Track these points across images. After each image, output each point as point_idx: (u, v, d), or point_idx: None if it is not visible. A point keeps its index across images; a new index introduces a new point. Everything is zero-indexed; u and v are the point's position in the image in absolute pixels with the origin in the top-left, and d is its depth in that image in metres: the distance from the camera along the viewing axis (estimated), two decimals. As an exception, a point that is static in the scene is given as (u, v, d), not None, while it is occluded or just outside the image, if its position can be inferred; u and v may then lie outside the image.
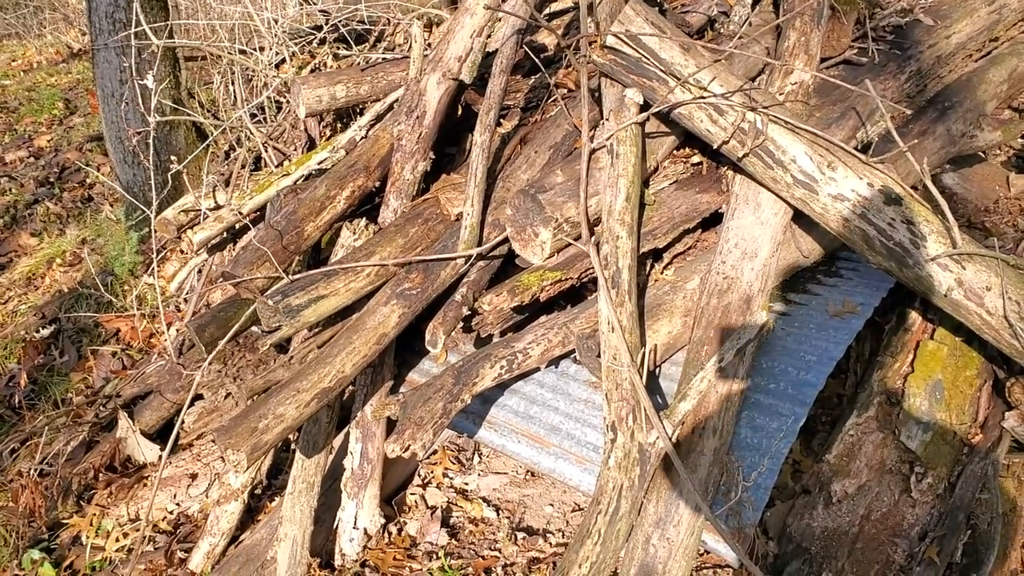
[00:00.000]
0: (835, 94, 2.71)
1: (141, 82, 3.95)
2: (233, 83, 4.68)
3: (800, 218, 2.54)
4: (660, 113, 2.53)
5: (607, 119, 2.59)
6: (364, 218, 2.96)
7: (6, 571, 3.11)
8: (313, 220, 2.83)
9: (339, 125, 3.97)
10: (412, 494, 3.24)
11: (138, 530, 3.26)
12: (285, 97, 4.29)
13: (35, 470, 3.59)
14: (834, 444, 2.67)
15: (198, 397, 3.68)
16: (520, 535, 3.02)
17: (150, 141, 3.83)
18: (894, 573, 2.47)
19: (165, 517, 3.35)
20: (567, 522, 3.08)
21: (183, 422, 3.61)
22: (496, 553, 2.96)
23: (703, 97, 2.40)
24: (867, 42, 2.88)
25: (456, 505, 3.19)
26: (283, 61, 4.38)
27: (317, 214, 2.84)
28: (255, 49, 4.34)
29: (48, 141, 7.26)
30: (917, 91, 2.93)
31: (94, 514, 3.36)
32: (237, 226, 3.50)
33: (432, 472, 3.34)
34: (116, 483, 3.50)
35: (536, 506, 3.17)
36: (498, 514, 3.14)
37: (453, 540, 3.03)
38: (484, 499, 3.21)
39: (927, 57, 2.92)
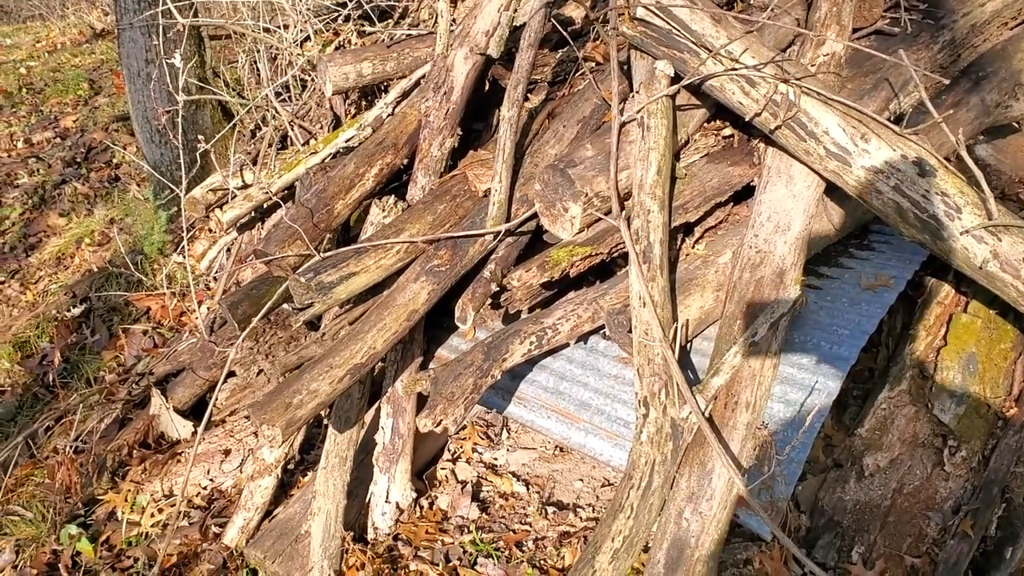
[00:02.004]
0: (867, 65, 2.67)
1: (168, 61, 3.96)
2: (258, 62, 4.69)
3: (832, 191, 2.51)
4: (691, 85, 2.51)
5: (637, 92, 2.57)
6: (393, 195, 2.96)
7: (45, 546, 3.17)
8: (343, 198, 2.84)
9: (363, 103, 3.97)
10: (442, 469, 3.27)
11: (172, 505, 3.30)
12: (310, 75, 4.29)
13: (70, 447, 3.65)
14: (866, 418, 2.66)
15: (230, 374, 3.72)
16: (550, 509, 3.04)
17: (178, 121, 3.85)
18: (927, 546, 2.47)
19: (199, 492, 3.40)
20: (597, 497, 3.09)
21: (216, 399, 3.64)
22: (527, 527, 2.98)
23: (735, 69, 2.38)
24: (899, 11, 2.83)
25: (486, 480, 3.22)
26: (307, 39, 4.38)
27: (347, 192, 2.85)
28: (279, 27, 4.33)
29: (74, 122, 7.31)
30: (950, 61, 2.88)
31: (129, 490, 3.41)
32: (265, 205, 3.53)
33: (462, 447, 3.37)
34: (150, 459, 3.55)
35: (565, 481, 3.18)
36: (528, 489, 3.16)
37: (484, 514, 3.05)
38: (514, 474, 3.23)
39: (961, 26, 2.87)
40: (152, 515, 3.30)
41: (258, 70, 4.75)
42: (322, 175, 3.08)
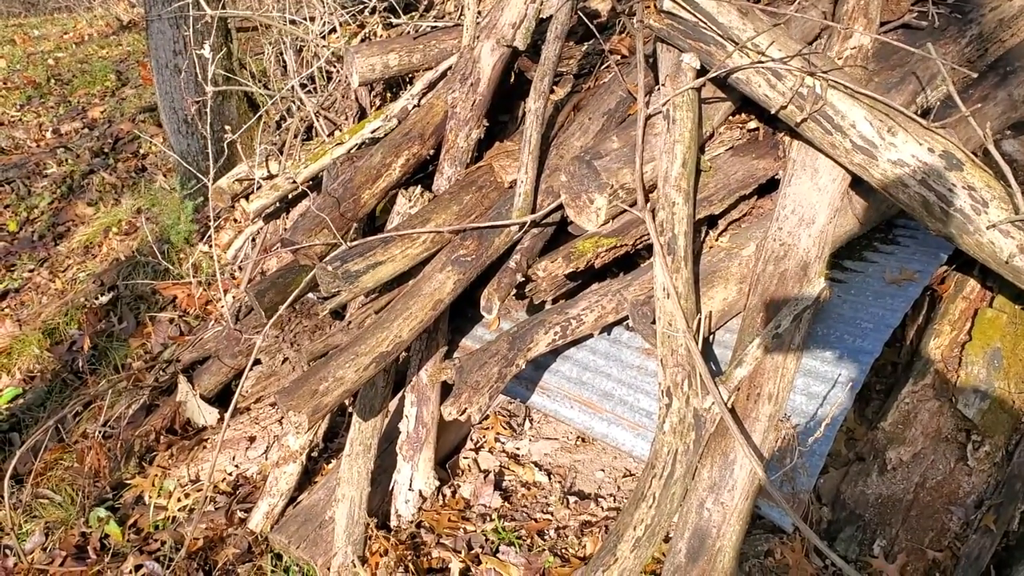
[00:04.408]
0: (894, 58, 2.67)
1: (197, 52, 4.01)
2: (284, 53, 4.72)
3: (858, 184, 2.51)
4: (717, 78, 2.51)
5: (663, 84, 2.58)
6: (419, 185, 2.99)
7: (74, 528, 3.23)
8: (369, 187, 2.87)
9: (388, 95, 4.00)
10: (465, 458, 3.29)
11: (199, 490, 3.35)
12: (335, 67, 4.32)
13: (99, 432, 3.71)
14: (889, 412, 2.66)
15: (256, 362, 3.76)
16: (572, 499, 3.06)
17: (205, 111, 3.89)
18: (949, 541, 2.46)
19: (225, 478, 3.44)
20: (618, 487, 3.11)
21: (242, 386, 3.69)
22: (548, 516, 3.00)
23: (761, 62, 2.38)
24: (927, 5, 2.82)
25: (508, 469, 3.24)
26: (333, 31, 4.41)
27: (373, 181, 2.88)
28: (305, 19, 4.37)
29: (101, 112, 7.39)
30: (978, 55, 2.87)
31: (156, 475, 3.46)
32: (291, 195, 3.56)
33: (484, 437, 3.39)
34: (176, 445, 3.60)
35: (587, 471, 3.20)
36: (550, 478, 3.18)
37: (506, 503, 3.08)
38: (536, 463, 3.25)
39: (989, 20, 2.86)
40: (179, 500, 3.35)
41: (284, 62, 4.78)
42: (349, 165, 3.12)
